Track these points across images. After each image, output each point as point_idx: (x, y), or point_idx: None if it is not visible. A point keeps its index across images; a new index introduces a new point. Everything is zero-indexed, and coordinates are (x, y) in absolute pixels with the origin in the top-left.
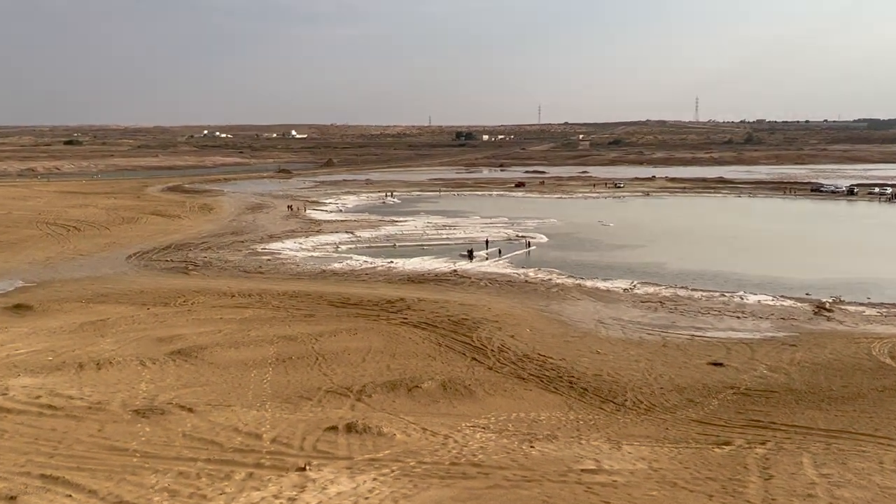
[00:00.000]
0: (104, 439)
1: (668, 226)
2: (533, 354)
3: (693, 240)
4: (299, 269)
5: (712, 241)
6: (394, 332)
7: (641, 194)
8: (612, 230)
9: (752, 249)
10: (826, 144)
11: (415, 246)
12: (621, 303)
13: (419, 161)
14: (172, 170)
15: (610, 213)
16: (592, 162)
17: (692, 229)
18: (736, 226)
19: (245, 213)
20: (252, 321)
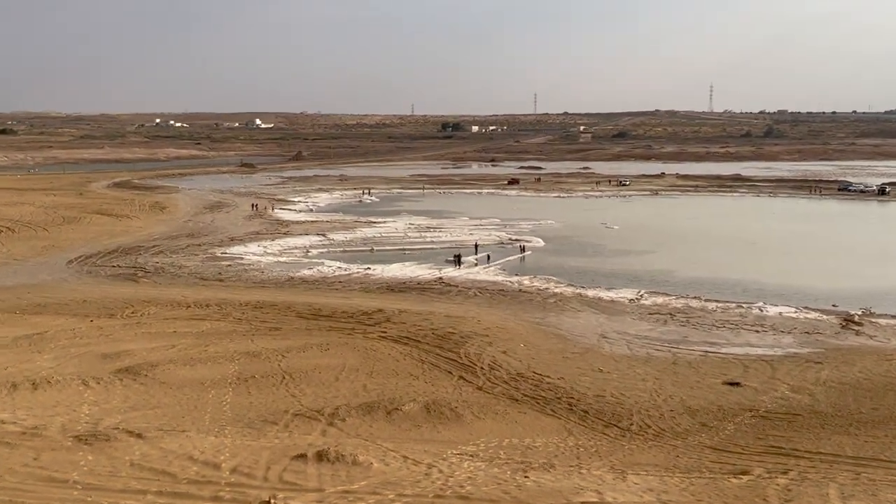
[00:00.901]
0: (41, 469)
1: (678, 228)
2: (528, 373)
3: (707, 244)
4: (264, 277)
5: (728, 246)
6: (371, 348)
7: (649, 193)
8: (616, 233)
9: (772, 255)
10: (855, 138)
11: (395, 250)
12: (627, 315)
13: (400, 155)
14: (120, 163)
15: (614, 214)
16: (595, 157)
17: (706, 232)
18: (754, 229)
19: (203, 213)
20: (210, 335)
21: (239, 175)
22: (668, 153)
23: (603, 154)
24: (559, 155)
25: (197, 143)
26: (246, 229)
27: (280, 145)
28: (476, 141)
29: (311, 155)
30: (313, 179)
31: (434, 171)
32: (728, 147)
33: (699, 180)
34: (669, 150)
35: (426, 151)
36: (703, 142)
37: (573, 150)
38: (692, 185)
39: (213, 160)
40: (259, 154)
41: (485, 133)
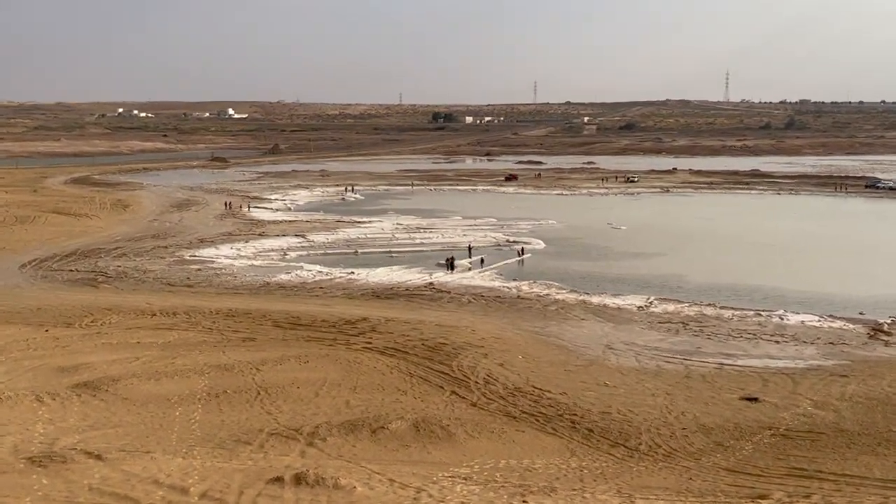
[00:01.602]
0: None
1: (691, 229)
2: (526, 387)
3: (722, 247)
4: (237, 282)
5: (746, 249)
6: (354, 361)
7: (659, 190)
8: (623, 234)
9: (794, 259)
10: (884, 131)
11: (381, 253)
12: (635, 324)
13: (387, 148)
14: (79, 157)
15: (621, 214)
16: (600, 150)
17: (721, 234)
18: (774, 229)
19: (170, 212)
20: (177, 346)
21: (210, 170)
22: (680, 147)
23: (609, 148)
24: (561, 148)
25: (163, 135)
26: (217, 230)
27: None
28: (470, 133)
29: (290, 148)
30: (291, 175)
31: (424, 166)
32: (745, 140)
33: (714, 176)
34: (681, 144)
35: (415, 144)
36: (718, 134)
37: (576, 144)
38: (706, 182)
39: (182, 154)
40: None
41: (480, 125)
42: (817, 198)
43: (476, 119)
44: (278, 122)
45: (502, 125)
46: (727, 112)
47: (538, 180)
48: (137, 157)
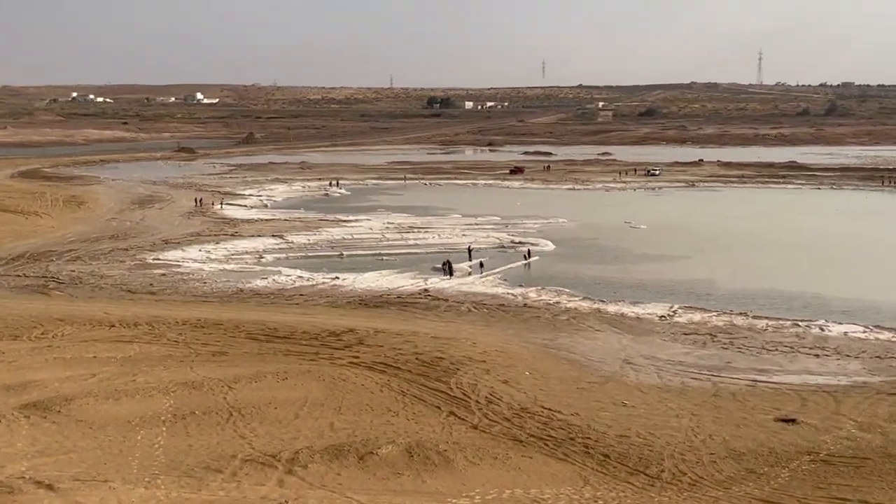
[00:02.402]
0: None
1: (720, 229)
2: (534, 407)
3: (756, 248)
4: (207, 288)
5: (782, 251)
6: (339, 377)
7: (684, 185)
8: (643, 234)
9: (836, 262)
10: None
11: (370, 256)
12: (656, 335)
13: (376, 137)
14: (27, 147)
15: (641, 211)
16: (616, 140)
17: (754, 233)
18: (814, 229)
19: (130, 209)
20: (139, 362)
21: (175, 162)
22: (708, 135)
23: (627, 136)
24: (573, 137)
25: (123, 122)
26: (184, 229)
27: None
28: (470, 120)
29: (266, 137)
30: (268, 168)
31: (418, 158)
32: (781, 128)
33: (745, 169)
34: (709, 132)
35: (408, 133)
36: (750, 121)
37: (590, 132)
38: (737, 175)
39: (144, 144)
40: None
41: (481, 111)
42: (862, 193)
43: (477, 104)
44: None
45: (506, 111)
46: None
47: (547, 173)
48: (94, 147)
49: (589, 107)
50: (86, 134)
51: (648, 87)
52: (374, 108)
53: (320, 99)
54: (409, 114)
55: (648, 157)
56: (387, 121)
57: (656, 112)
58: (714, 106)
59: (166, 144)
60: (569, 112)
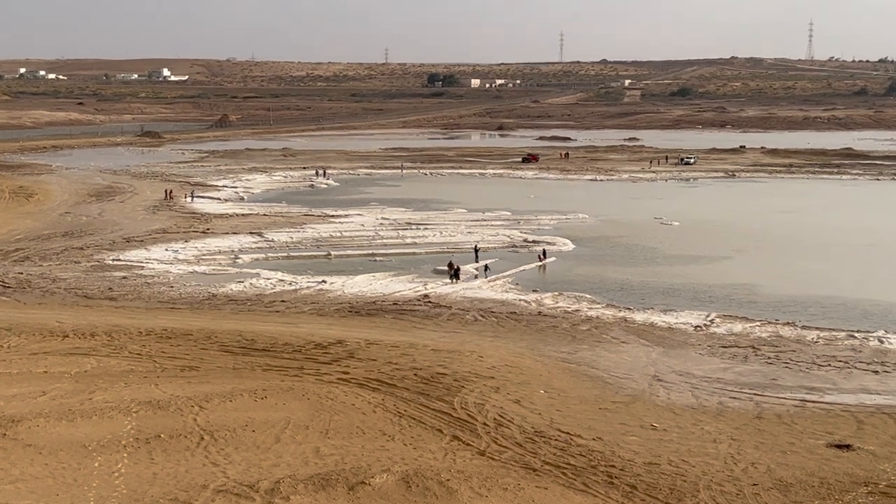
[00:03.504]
0: None
1: (764, 226)
2: (550, 431)
3: (805, 248)
4: (174, 294)
5: (836, 251)
6: (327, 396)
7: (723, 175)
8: (676, 232)
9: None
10: None
11: (361, 256)
12: (691, 348)
13: (369, 120)
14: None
15: (673, 205)
16: (645, 123)
17: (803, 231)
18: (873, 226)
19: (87, 202)
20: (96, 377)
21: (139, 148)
22: (750, 118)
23: (657, 119)
24: (595, 121)
25: (79, 102)
26: (149, 226)
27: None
28: (477, 100)
29: (242, 120)
30: (245, 155)
31: (417, 144)
32: (835, 110)
33: (794, 157)
34: (752, 115)
35: (406, 115)
36: (799, 102)
37: (615, 115)
38: (784, 165)
39: (102, 127)
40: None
41: (490, 89)
42: None
43: (485, 82)
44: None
45: (519, 90)
46: (811, 73)
47: (565, 162)
48: (45, 131)
49: (614, 85)
50: (35, 116)
51: (682, 63)
52: (366, 86)
53: (305, 76)
54: (407, 93)
55: (682, 144)
56: (381, 101)
57: (691, 91)
58: (758, 84)
59: (128, 128)
60: (590, 91)
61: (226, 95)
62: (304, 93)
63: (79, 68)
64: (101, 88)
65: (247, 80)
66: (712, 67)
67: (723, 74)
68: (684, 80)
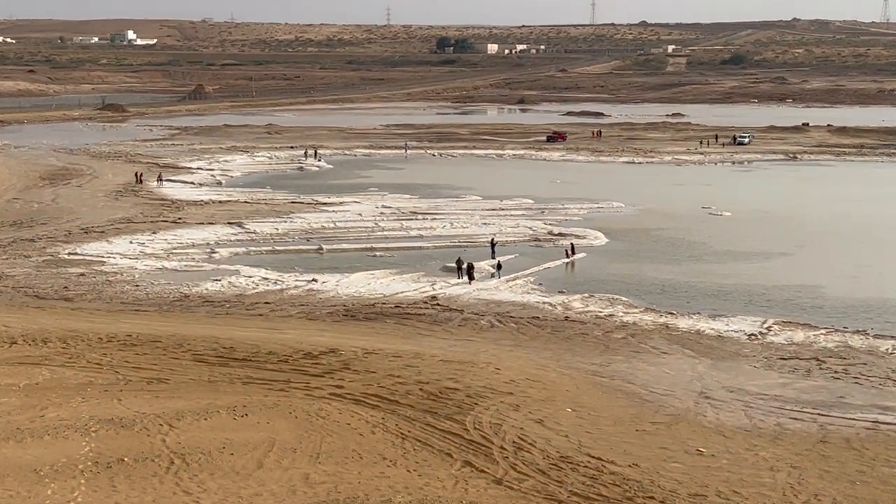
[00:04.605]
0: None
1: (831, 217)
2: (578, 456)
3: (878, 245)
4: (140, 294)
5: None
6: (317, 414)
7: (782, 157)
8: (727, 224)
9: None
10: None
11: (358, 251)
12: (743, 360)
13: (368, 91)
14: None
15: (724, 193)
16: (691, 96)
17: (876, 224)
18: None
19: (39, 187)
20: (49, 391)
21: (99, 124)
22: (815, 91)
23: (705, 92)
24: (632, 93)
25: (29, 70)
26: (110, 214)
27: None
28: (494, 69)
29: (220, 91)
30: (223, 132)
31: (424, 119)
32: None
33: (865, 136)
34: (816, 87)
35: (411, 86)
36: (872, 72)
37: (656, 86)
38: (854, 145)
39: (57, 99)
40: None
41: (509, 56)
42: None
43: (503, 48)
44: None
45: (543, 57)
46: (886, 39)
47: (597, 141)
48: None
49: (654, 52)
50: None
51: (735, 26)
52: (365, 52)
53: (293, 40)
54: (413, 60)
55: (734, 120)
56: (382, 70)
57: (746, 59)
58: (824, 51)
59: (87, 100)
60: (627, 59)
61: (201, 63)
62: (291, 60)
63: (29, 30)
64: (56, 54)
65: (225, 44)
66: (770, 31)
67: (783, 39)
68: (737, 45)
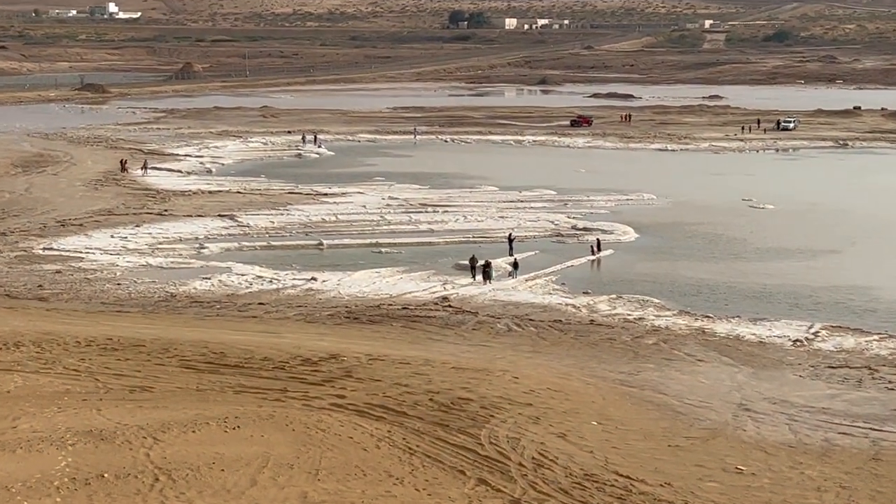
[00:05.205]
0: None
1: (885, 211)
2: (605, 474)
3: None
4: (122, 293)
5: None
6: (317, 426)
7: (832, 145)
8: (770, 218)
9: None
10: None
11: (362, 246)
12: (787, 368)
13: (374, 70)
14: None
15: (767, 184)
16: (731, 77)
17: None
18: None
19: (11, 175)
20: (22, 399)
21: (78, 105)
22: (868, 71)
23: (746, 72)
24: (665, 73)
25: (1, 46)
26: (90, 205)
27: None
28: (513, 46)
29: (210, 70)
30: (213, 115)
31: (435, 102)
32: None
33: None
34: (869, 66)
35: (421, 65)
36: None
37: (691, 65)
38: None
39: (31, 78)
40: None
41: (529, 32)
42: None
43: (523, 23)
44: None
45: (567, 33)
46: None
47: (627, 126)
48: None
49: (690, 27)
50: None
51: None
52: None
53: (291, 14)
54: (423, 36)
55: (778, 104)
56: (389, 46)
57: (791, 35)
58: (878, 27)
59: (64, 79)
60: (660, 35)
61: (189, 38)
62: (289, 35)
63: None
64: (30, 28)
65: (216, 18)
66: (819, 4)
67: (832, 14)
68: (782, 20)
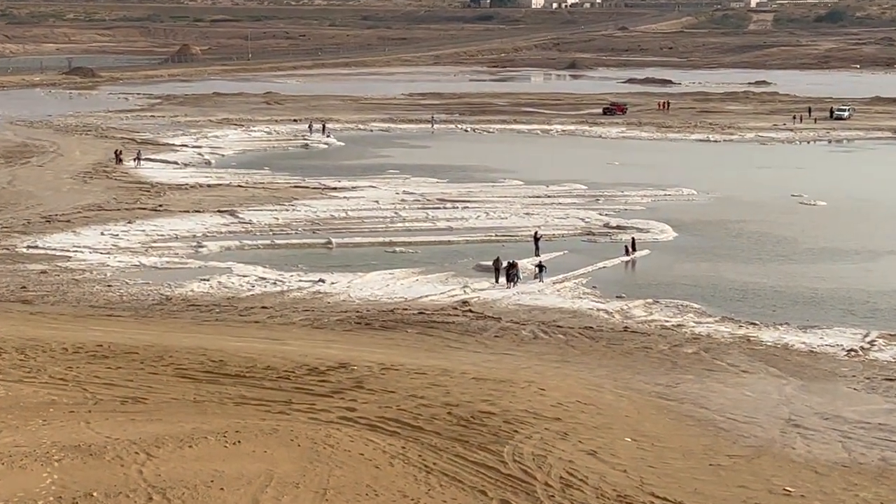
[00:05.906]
0: None
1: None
2: (640, 495)
3: None
4: (113, 295)
5: None
6: (324, 441)
7: (889, 136)
8: (821, 216)
9: None
10: None
11: (374, 245)
12: (841, 381)
13: (388, 53)
14: None
15: (818, 178)
16: (779, 60)
17: None
18: None
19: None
20: (4, 410)
21: (65, 91)
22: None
23: (796, 55)
24: (708, 56)
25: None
26: (78, 200)
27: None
28: (540, 27)
29: (210, 52)
30: (213, 101)
31: (455, 87)
32: None
33: None
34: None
35: (439, 47)
36: None
37: (736, 48)
38: None
39: (15, 61)
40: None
41: (557, 11)
42: None
43: (551, 2)
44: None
45: (599, 13)
46: None
47: (664, 114)
48: None
49: (734, 6)
50: None
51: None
52: (384, 6)
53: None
54: (442, 16)
55: (832, 91)
56: (405, 27)
57: (845, 16)
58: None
59: (50, 62)
60: (701, 15)
61: (186, 18)
62: (295, 15)
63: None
64: (13, 7)
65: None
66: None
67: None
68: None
